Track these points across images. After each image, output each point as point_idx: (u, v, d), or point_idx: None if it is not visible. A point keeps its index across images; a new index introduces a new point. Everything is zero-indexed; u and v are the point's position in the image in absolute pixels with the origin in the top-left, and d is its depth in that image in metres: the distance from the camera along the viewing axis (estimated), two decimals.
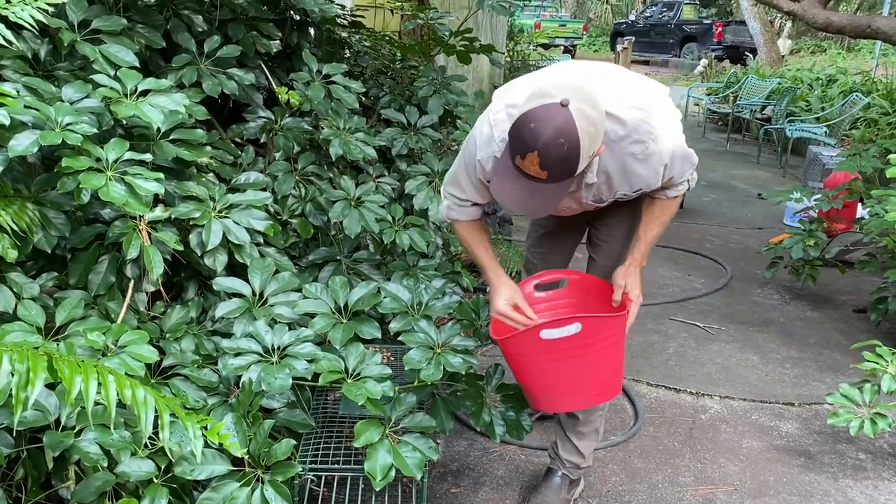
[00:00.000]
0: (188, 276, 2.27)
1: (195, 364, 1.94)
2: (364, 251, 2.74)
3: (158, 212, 2.05)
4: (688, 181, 1.89)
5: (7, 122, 1.63)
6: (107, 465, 1.59)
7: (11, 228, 1.71)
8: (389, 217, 2.69)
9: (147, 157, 1.93)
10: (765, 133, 8.13)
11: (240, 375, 1.88)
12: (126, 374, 1.28)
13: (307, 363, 1.92)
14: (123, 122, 2.06)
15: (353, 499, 1.99)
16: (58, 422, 1.56)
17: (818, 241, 3.90)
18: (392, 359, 2.39)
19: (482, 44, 3.67)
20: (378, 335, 2.07)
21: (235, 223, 2.16)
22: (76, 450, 1.55)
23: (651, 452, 2.62)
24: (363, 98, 3.42)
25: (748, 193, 6.56)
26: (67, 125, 1.81)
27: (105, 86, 1.98)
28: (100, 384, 1.18)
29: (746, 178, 7.15)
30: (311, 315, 2.09)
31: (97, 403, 1.46)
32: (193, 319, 2.12)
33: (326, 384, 1.93)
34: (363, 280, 2.50)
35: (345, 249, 2.68)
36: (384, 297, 2.17)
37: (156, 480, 1.61)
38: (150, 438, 1.66)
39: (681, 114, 1.88)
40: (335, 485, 2.10)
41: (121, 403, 1.21)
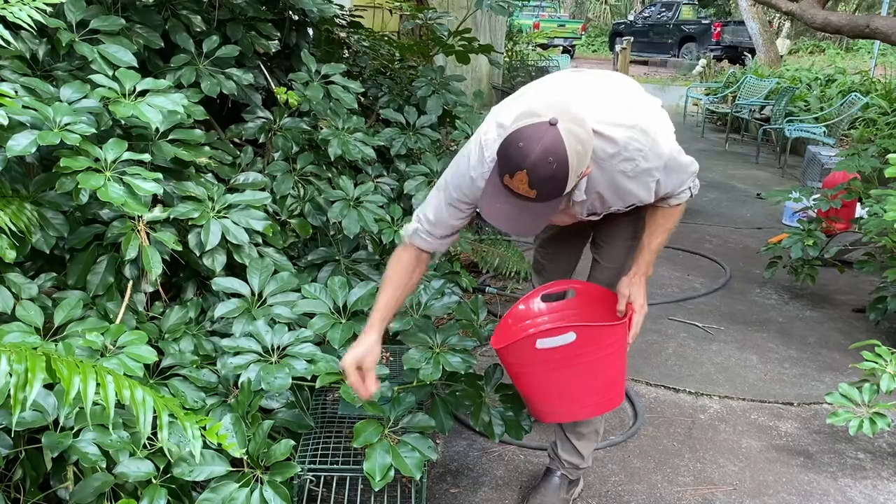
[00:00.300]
0: (187, 277, 2.27)
1: (194, 364, 1.94)
2: (363, 251, 2.74)
3: (157, 212, 2.05)
4: (689, 189, 1.88)
5: (5, 123, 1.63)
6: (105, 466, 1.59)
7: (10, 229, 1.71)
8: (388, 217, 2.69)
9: (145, 158, 1.93)
10: (763, 133, 8.13)
11: (239, 375, 1.88)
12: (125, 375, 1.28)
13: (307, 363, 1.93)
14: (122, 123, 2.06)
15: (353, 499, 1.99)
16: (56, 422, 1.56)
17: (817, 241, 3.90)
18: (391, 359, 2.39)
19: (481, 44, 3.67)
20: None
21: (234, 223, 2.16)
22: (75, 450, 1.55)
23: (650, 452, 2.62)
24: (362, 98, 3.43)
25: (747, 193, 6.55)
26: (66, 125, 1.81)
27: (103, 86, 1.98)
28: (98, 384, 1.18)
29: (745, 178, 7.15)
30: (310, 315, 2.09)
31: (96, 404, 1.46)
32: (192, 320, 2.12)
33: (325, 384, 1.93)
34: (362, 280, 2.49)
35: (343, 249, 2.67)
36: None
37: (154, 481, 1.61)
38: (149, 439, 1.66)
39: (680, 116, 1.86)
40: (334, 485, 2.10)
41: (119, 404, 1.21)
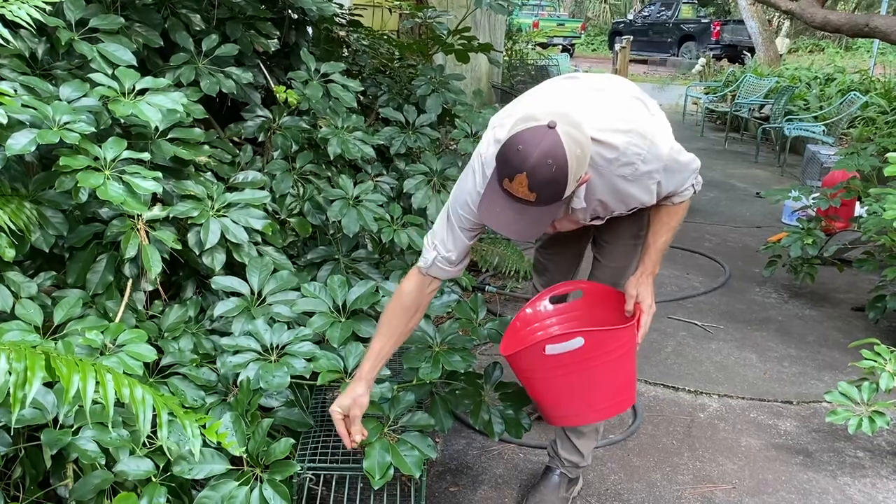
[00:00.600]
0: (186, 275, 2.27)
1: (193, 363, 1.94)
2: (362, 250, 2.73)
3: (156, 211, 2.05)
4: (692, 186, 1.89)
5: (5, 121, 1.63)
6: (105, 464, 1.59)
7: (9, 227, 1.71)
8: (388, 216, 2.69)
9: (145, 156, 1.93)
10: (763, 132, 8.13)
11: (238, 374, 1.88)
12: (124, 373, 1.28)
13: (306, 362, 1.93)
14: (121, 121, 2.06)
15: (352, 497, 1.99)
16: (56, 420, 1.56)
17: (816, 240, 3.90)
18: (391, 358, 2.39)
19: (480, 43, 3.67)
20: None
21: (234, 222, 2.16)
22: (74, 448, 1.55)
23: (649, 451, 2.62)
24: (361, 97, 3.42)
25: (746, 192, 6.55)
26: (65, 124, 1.81)
27: (103, 84, 1.98)
28: (98, 383, 1.18)
29: (745, 177, 7.14)
30: (310, 314, 2.09)
31: (95, 402, 1.46)
32: (192, 318, 2.12)
33: (325, 383, 1.93)
34: (361, 279, 2.50)
35: (343, 248, 2.67)
36: (382, 296, 2.17)
37: (154, 479, 1.61)
38: (149, 437, 1.66)
39: (679, 115, 1.87)
40: (334, 483, 2.11)
41: (119, 402, 1.21)
